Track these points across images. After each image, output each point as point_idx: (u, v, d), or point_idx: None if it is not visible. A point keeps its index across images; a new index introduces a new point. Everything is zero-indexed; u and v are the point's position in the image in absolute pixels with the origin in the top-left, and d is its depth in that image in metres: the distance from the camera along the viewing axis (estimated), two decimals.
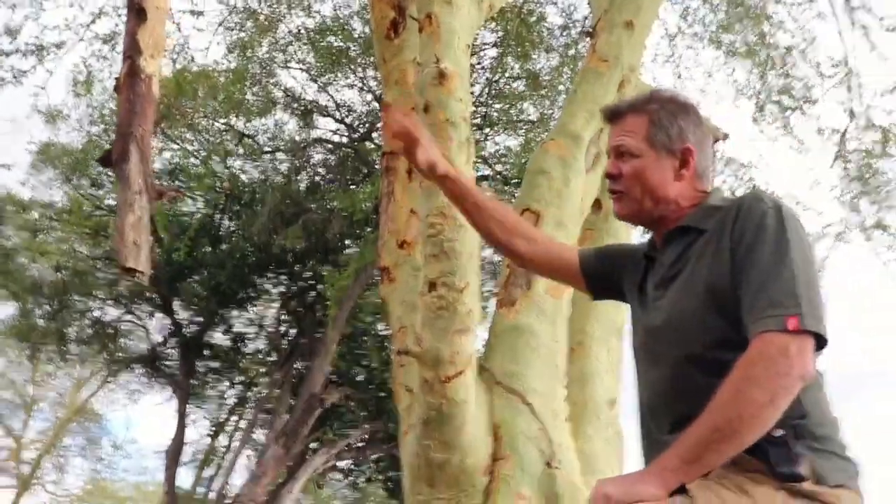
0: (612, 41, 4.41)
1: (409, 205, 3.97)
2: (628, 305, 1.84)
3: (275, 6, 11.20)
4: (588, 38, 4.72)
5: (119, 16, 7.34)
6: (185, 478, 14.42)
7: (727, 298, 1.47)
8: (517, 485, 3.02)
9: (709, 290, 1.50)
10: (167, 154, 13.43)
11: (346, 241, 12.97)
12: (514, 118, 12.46)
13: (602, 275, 1.90)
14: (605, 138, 3.62)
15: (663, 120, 1.67)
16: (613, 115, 1.74)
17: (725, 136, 5.92)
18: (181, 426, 12.49)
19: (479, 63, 12.10)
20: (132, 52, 1.99)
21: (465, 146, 3.18)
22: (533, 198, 3.99)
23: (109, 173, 13.44)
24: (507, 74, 11.71)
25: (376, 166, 11.69)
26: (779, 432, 1.37)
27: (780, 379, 1.33)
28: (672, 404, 1.55)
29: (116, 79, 2.03)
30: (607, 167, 1.74)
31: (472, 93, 12.69)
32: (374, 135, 12.53)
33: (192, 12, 7.73)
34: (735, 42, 7.99)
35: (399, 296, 3.78)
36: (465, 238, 3.08)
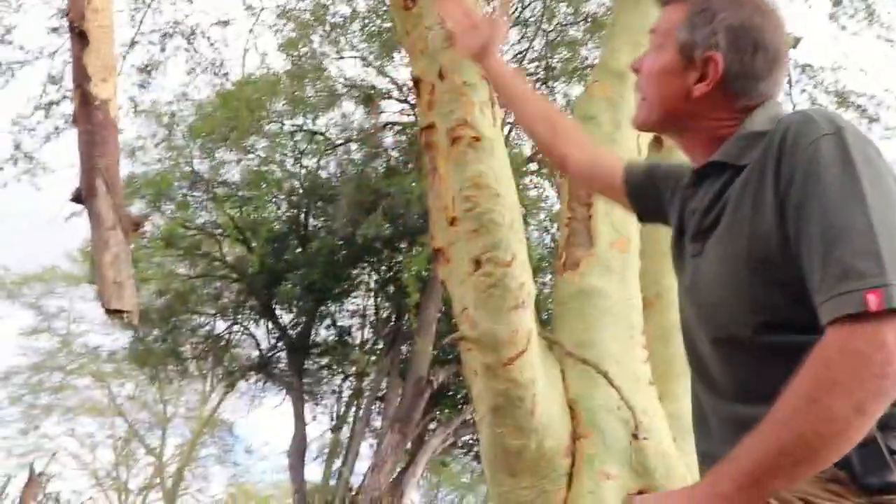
0: None
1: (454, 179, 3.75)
2: None
3: (314, 2, 11.08)
4: None
5: (151, 43, 7.36)
6: (317, 472, 14.80)
7: (778, 265, 1.11)
8: (602, 463, 2.77)
9: (752, 252, 1.13)
10: (245, 163, 13.62)
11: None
12: (580, 65, 11.96)
13: (646, 200, 1.57)
14: None
15: (697, 16, 1.31)
16: (663, 2, 1.41)
17: (797, 42, 5.41)
18: (300, 425, 12.73)
19: (531, 16, 11.68)
20: (81, 79, 1.84)
21: (488, 106, 2.92)
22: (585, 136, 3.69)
23: (195, 193, 13.78)
24: (559, 22, 11.23)
25: None
26: None
27: (872, 382, 0.97)
28: (722, 392, 1.22)
29: (74, 113, 1.89)
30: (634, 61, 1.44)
31: (531, 47, 12.32)
32: None
33: (222, 22, 7.66)
34: None
35: (457, 277, 3.56)
36: (504, 207, 2.84)
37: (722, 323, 1.19)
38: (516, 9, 11.52)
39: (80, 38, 1.85)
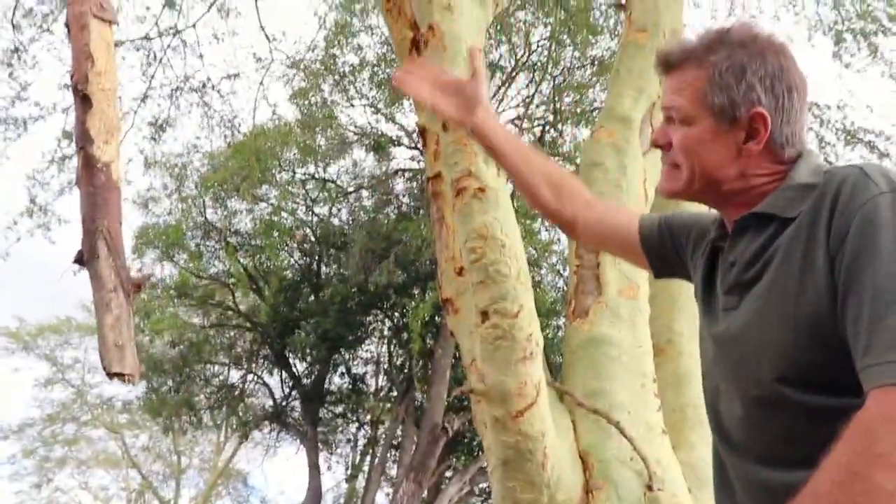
0: (647, 7, 4.07)
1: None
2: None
3: (323, 52, 11.25)
4: (622, 12, 4.39)
5: (162, 97, 7.50)
6: None
7: (827, 325, 1.07)
8: None
9: (800, 309, 1.10)
10: (257, 212, 13.72)
11: None
12: (588, 108, 12.04)
13: (664, 253, 1.50)
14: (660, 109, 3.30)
15: (726, 76, 1.23)
16: (666, 65, 1.31)
17: None
18: (315, 474, 12.60)
19: (537, 60, 11.80)
20: (84, 141, 1.86)
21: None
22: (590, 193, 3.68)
23: (208, 243, 13.86)
24: (566, 66, 11.34)
25: None
26: None
27: None
28: (748, 453, 1.19)
29: (77, 174, 1.90)
30: (653, 134, 1.35)
31: (539, 91, 12.43)
32: None
33: (228, 76, 7.81)
34: None
35: (466, 328, 3.54)
36: (511, 257, 2.82)
37: (759, 380, 1.15)
38: (523, 54, 11.66)
39: (84, 101, 1.87)
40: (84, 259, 1.84)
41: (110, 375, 1.76)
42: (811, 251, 1.10)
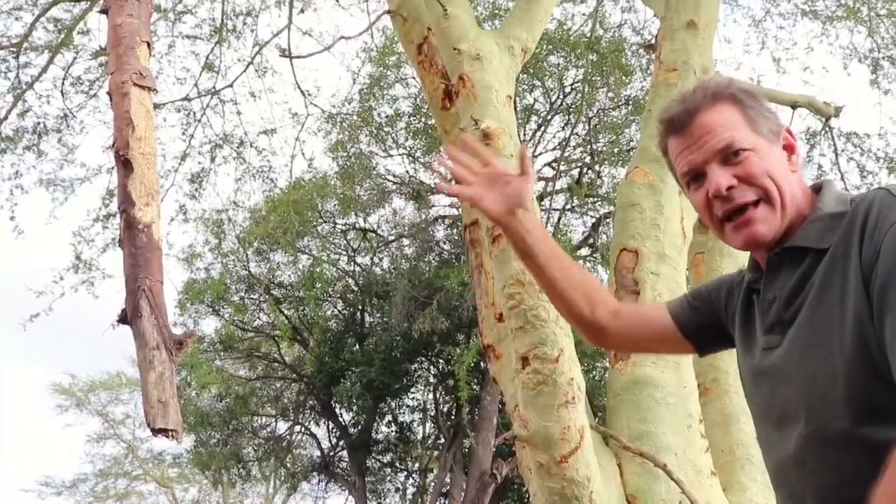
0: (677, 47, 4.09)
1: None
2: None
3: (359, 105, 11.45)
4: (652, 52, 4.42)
5: (201, 154, 7.71)
6: None
7: (871, 348, 1.05)
8: None
9: (844, 338, 1.08)
10: (300, 265, 13.87)
11: None
12: (625, 148, 12.04)
13: (701, 324, 1.46)
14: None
15: (751, 102, 1.25)
16: (687, 117, 1.26)
17: (838, 111, 5.38)
18: None
19: (572, 102, 11.87)
20: (126, 204, 1.91)
21: None
22: (628, 234, 3.68)
23: (252, 296, 14.03)
24: (601, 107, 11.38)
25: None
26: None
27: None
28: (805, 488, 1.15)
29: (119, 236, 1.96)
30: (717, 181, 1.22)
31: (575, 133, 12.48)
32: None
33: (265, 131, 8.00)
34: (830, 6, 7.36)
35: (508, 374, 3.52)
36: (549, 301, 2.81)
37: (815, 417, 1.12)
38: (557, 97, 11.74)
39: (125, 165, 1.94)
40: (127, 318, 1.88)
41: (154, 432, 1.79)
42: (847, 278, 1.10)
